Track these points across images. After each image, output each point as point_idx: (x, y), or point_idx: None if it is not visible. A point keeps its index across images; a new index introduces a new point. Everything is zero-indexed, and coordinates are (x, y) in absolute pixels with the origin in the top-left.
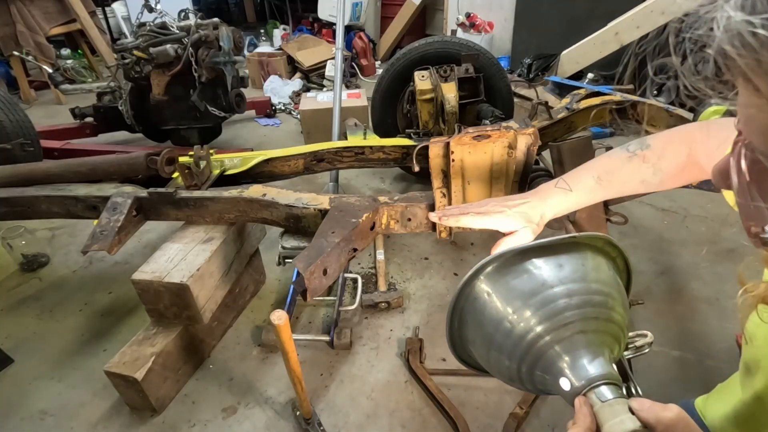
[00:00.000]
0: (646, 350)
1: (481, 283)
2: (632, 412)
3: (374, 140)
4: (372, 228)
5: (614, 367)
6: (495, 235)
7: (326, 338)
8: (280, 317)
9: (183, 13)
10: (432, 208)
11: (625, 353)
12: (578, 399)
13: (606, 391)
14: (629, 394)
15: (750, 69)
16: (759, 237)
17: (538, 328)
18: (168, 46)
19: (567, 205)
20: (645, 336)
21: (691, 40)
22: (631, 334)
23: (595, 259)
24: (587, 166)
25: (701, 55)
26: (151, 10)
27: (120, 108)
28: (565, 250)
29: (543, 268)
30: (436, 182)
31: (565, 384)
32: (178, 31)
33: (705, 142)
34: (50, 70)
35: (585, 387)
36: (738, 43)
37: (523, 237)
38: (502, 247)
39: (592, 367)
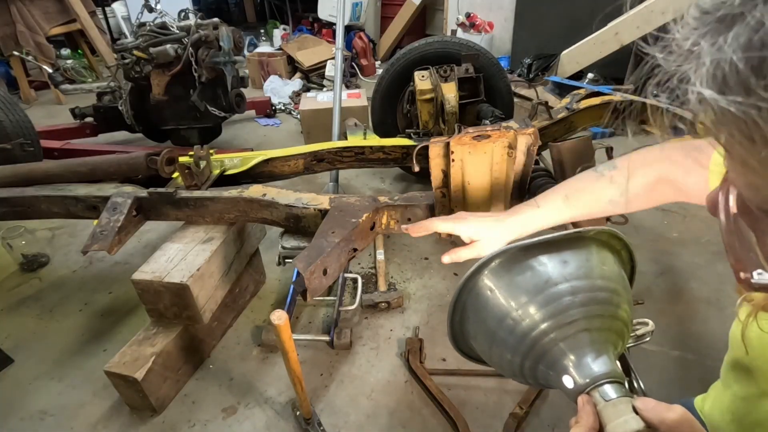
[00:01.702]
0: (647, 339)
1: (484, 279)
2: (636, 412)
3: (374, 140)
4: (372, 228)
5: (618, 364)
6: None
7: (326, 338)
8: (280, 317)
9: (183, 13)
10: (432, 208)
11: (629, 342)
12: (581, 397)
13: (610, 390)
14: (632, 390)
15: (725, 141)
16: (749, 282)
17: (543, 325)
18: (168, 46)
19: (535, 223)
20: (646, 324)
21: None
22: (633, 321)
23: (600, 254)
24: (559, 186)
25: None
26: (151, 10)
27: (120, 108)
28: (569, 245)
29: (547, 264)
30: (436, 182)
31: (568, 382)
32: (178, 31)
33: (683, 162)
34: (50, 70)
35: (589, 385)
36: (712, 115)
37: (480, 250)
38: (458, 254)
39: (596, 366)
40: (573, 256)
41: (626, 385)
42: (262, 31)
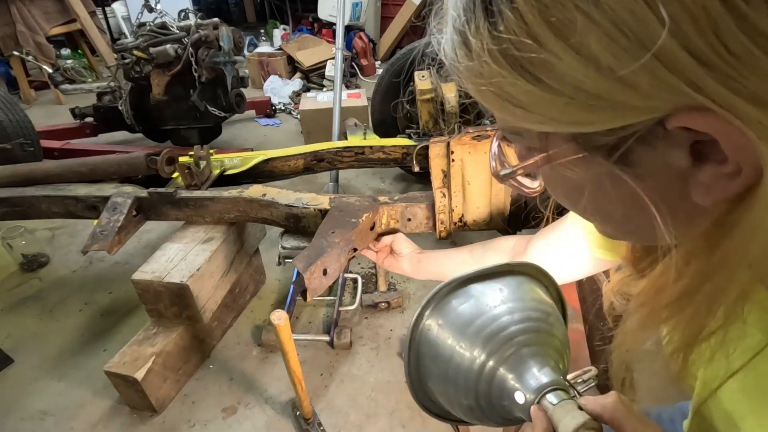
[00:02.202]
0: (593, 383)
1: (428, 321)
2: (581, 409)
3: (374, 140)
4: (372, 228)
5: (560, 376)
6: (495, 235)
7: (326, 338)
8: (280, 317)
9: (183, 13)
10: (432, 208)
11: (579, 388)
12: (533, 408)
13: (556, 396)
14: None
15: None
16: (498, 175)
17: (482, 356)
18: (168, 46)
19: (441, 263)
20: (590, 370)
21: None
22: (578, 372)
23: (530, 284)
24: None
25: None
26: (151, 10)
27: (120, 108)
28: (501, 276)
29: (485, 292)
30: (436, 182)
31: (519, 397)
32: (178, 31)
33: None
34: (50, 70)
35: (537, 395)
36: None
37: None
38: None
39: (542, 376)
40: (506, 285)
41: (570, 391)
42: (262, 31)
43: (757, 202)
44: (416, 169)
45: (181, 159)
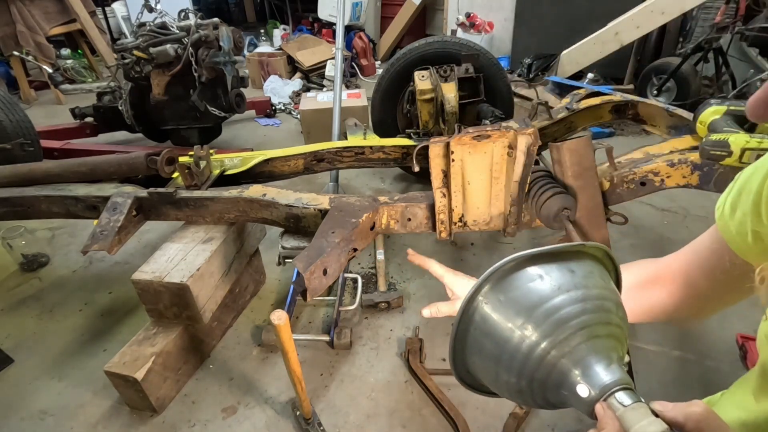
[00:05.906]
0: (625, 369)
1: (489, 294)
2: (655, 415)
3: (374, 140)
4: (372, 228)
5: (630, 377)
6: (495, 236)
7: (326, 338)
8: (280, 317)
9: (183, 13)
10: (432, 208)
11: None
12: (600, 405)
13: (626, 396)
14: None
15: None
16: None
17: (547, 341)
18: (168, 46)
19: None
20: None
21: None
22: None
23: (599, 269)
24: None
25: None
26: (151, 10)
27: (120, 108)
28: (572, 257)
29: (557, 272)
30: (436, 182)
31: (583, 391)
32: (178, 31)
33: (669, 259)
34: (50, 70)
35: (605, 392)
36: None
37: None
38: (437, 308)
39: (609, 373)
40: (578, 267)
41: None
42: (262, 31)
43: None
44: (416, 169)
45: (181, 159)
